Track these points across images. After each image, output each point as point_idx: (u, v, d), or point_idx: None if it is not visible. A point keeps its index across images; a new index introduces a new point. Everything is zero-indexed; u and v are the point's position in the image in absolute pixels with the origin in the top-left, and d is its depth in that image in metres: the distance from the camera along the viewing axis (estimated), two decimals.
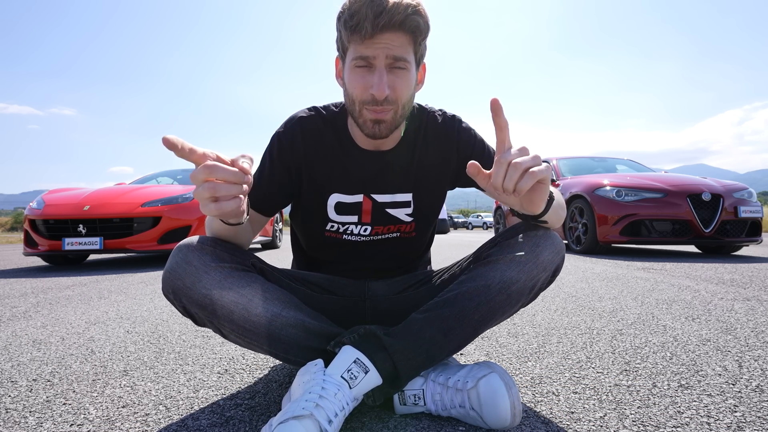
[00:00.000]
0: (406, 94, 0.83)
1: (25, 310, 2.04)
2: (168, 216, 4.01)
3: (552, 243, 0.83)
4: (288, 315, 0.80)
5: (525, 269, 0.80)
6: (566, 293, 2.24)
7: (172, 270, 0.79)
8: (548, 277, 0.85)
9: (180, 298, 0.79)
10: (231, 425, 0.81)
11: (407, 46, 0.80)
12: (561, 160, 6.18)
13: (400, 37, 0.79)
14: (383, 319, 0.95)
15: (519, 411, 0.75)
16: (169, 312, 1.93)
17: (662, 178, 4.69)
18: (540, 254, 0.82)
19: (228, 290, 0.78)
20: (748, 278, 2.66)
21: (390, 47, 0.78)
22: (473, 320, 0.79)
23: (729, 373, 1.04)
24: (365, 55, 0.79)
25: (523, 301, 0.84)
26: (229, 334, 0.81)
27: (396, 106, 0.83)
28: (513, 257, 0.81)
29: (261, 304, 0.79)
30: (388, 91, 0.80)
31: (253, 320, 0.78)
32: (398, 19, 0.76)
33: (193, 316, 0.81)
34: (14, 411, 0.90)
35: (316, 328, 0.81)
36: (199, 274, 0.78)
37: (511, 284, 0.80)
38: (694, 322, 1.58)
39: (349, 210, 0.96)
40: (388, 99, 0.81)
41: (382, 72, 0.79)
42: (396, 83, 0.81)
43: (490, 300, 0.79)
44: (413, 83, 0.85)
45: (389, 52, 0.79)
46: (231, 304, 0.78)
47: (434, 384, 0.80)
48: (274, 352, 0.82)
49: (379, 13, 0.75)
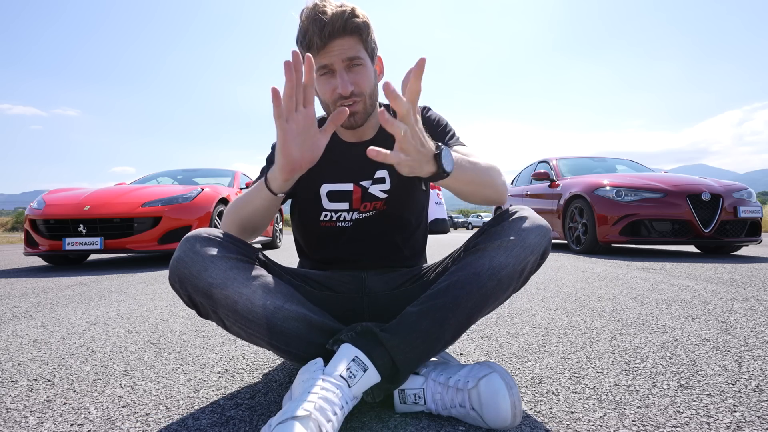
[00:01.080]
0: (368, 85, 0.95)
1: (26, 309, 2.04)
2: (168, 216, 4.01)
3: (538, 226, 0.86)
4: (291, 308, 0.82)
5: (513, 253, 0.83)
6: (566, 293, 2.24)
7: (180, 259, 0.81)
8: (537, 259, 0.87)
9: (186, 286, 0.81)
10: (231, 425, 0.81)
11: (356, 46, 0.92)
12: (561, 160, 6.18)
13: (348, 41, 0.90)
14: (381, 315, 0.96)
15: (520, 411, 0.75)
16: (169, 312, 1.93)
17: (662, 178, 4.69)
18: (526, 238, 0.84)
19: (233, 281, 0.80)
20: (747, 278, 2.66)
21: (342, 51, 0.90)
22: (467, 308, 0.81)
23: (728, 373, 1.04)
24: (324, 63, 0.91)
25: (514, 286, 0.86)
26: (232, 326, 0.83)
27: (363, 97, 0.94)
28: (500, 243, 0.84)
29: (265, 296, 0.81)
30: (351, 87, 0.91)
31: (257, 311, 0.80)
32: (339, 26, 0.88)
33: (198, 306, 0.83)
34: (15, 411, 0.90)
35: (318, 322, 0.83)
36: (206, 263, 0.80)
37: (500, 269, 0.82)
38: (694, 321, 1.58)
39: (341, 197, 1.03)
40: (354, 93, 0.92)
41: (342, 73, 0.91)
42: (356, 79, 0.92)
43: (482, 287, 0.81)
44: (372, 75, 0.96)
45: (343, 56, 0.90)
46: (235, 294, 0.80)
47: (434, 383, 0.81)
48: (275, 345, 0.83)
49: (322, 26, 0.88)
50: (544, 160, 6.45)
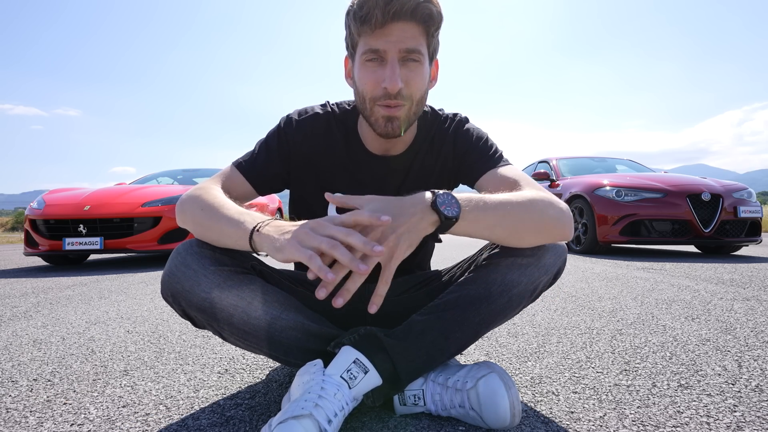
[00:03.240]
0: (420, 88, 0.80)
1: (26, 309, 2.04)
2: (168, 216, 4.00)
3: (554, 246, 0.83)
4: (288, 317, 0.79)
5: (527, 272, 0.80)
6: (566, 293, 2.24)
7: (171, 273, 0.78)
8: (549, 279, 0.84)
9: (179, 301, 0.78)
10: (231, 425, 0.81)
11: (420, 38, 0.77)
12: (561, 160, 6.18)
13: (413, 28, 0.76)
14: (383, 321, 0.94)
15: (518, 411, 0.75)
16: (169, 312, 1.93)
17: (662, 178, 4.69)
18: (542, 257, 0.81)
19: (227, 293, 0.77)
20: (747, 278, 2.66)
21: (402, 39, 0.75)
22: (474, 323, 0.79)
23: (728, 373, 1.04)
24: (376, 48, 0.76)
25: (524, 304, 0.84)
26: (229, 337, 0.81)
27: (410, 102, 0.80)
28: (515, 260, 0.81)
29: (260, 307, 0.78)
30: (401, 84, 0.77)
31: (253, 323, 0.78)
32: (410, 7, 0.73)
33: (193, 319, 0.81)
34: (15, 411, 0.90)
35: (316, 330, 0.81)
36: (198, 277, 0.76)
37: (512, 287, 0.79)
38: (694, 321, 1.58)
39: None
40: (402, 93, 0.78)
41: (394, 64, 0.76)
42: (409, 77, 0.78)
43: (491, 303, 0.79)
44: (427, 78, 0.82)
45: (401, 45, 0.75)
46: (230, 307, 0.77)
47: (434, 384, 0.80)
48: (274, 355, 0.82)
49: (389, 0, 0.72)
50: (544, 160, 6.45)
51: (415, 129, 0.94)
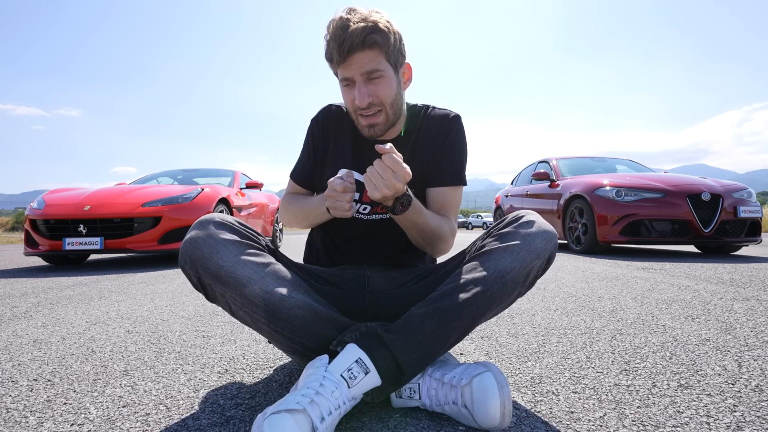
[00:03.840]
0: (389, 95, 0.98)
1: (26, 309, 2.05)
2: (168, 216, 4.01)
3: (544, 231, 0.87)
4: (297, 297, 0.83)
5: (519, 257, 0.84)
6: (566, 293, 2.24)
7: (192, 240, 0.84)
8: (542, 264, 0.88)
9: (196, 267, 0.83)
10: (231, 425, 0.81)
11: (377, 58, 0.94)
12: (561, 160, 6.18)
13: (367, 54, 0.93)
14: (383, 313, 0.96)
15: (509, 411, 0.74)
16: (169, 312, 1.93)
17: (662, 178, 4.69)
18: (532, 242, 0.85)
19: (243, 264, 0.83)
20: (747, 278, 2.66)
21: (361, 65, 0.93)
22: (471, 311, 0.81)
23: (728, 373, 1.04)
24: (345, 76, 0.96)
25: (519, 290, 0.87)
26: (238, 310, 0.85)
27: (383, 107, 0.98)
28: (506, 246, 0.85)
29: (273, 283, 0.83)
30: (369, 99, 0.95)
31: (264, 297, 0.81)
32: (359, 41, 0.90)
33: (206, 288, 0.86)
34: (15, 411, 0.90)
35: (324, 313, 0.83)
36: (218, 245, 0.83)
37: (506, 273, 0.83)
38: (694, 321, 1.58)
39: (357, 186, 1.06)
40: (373, 104, 0.96)
41: (360, 85, 0.95)
42: (377, 90, 0.96)
43: (487, 290, 0.82)
44: (394, 85, 0.99)
45: (362, 70, 0.93)
46: (244, 278, 0.82)
47: (431, 379, 0.81)
48: (279, 331, 0.83)
49: (341, 42, 0.91)
50: (544, 160, 6.45)
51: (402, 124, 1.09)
